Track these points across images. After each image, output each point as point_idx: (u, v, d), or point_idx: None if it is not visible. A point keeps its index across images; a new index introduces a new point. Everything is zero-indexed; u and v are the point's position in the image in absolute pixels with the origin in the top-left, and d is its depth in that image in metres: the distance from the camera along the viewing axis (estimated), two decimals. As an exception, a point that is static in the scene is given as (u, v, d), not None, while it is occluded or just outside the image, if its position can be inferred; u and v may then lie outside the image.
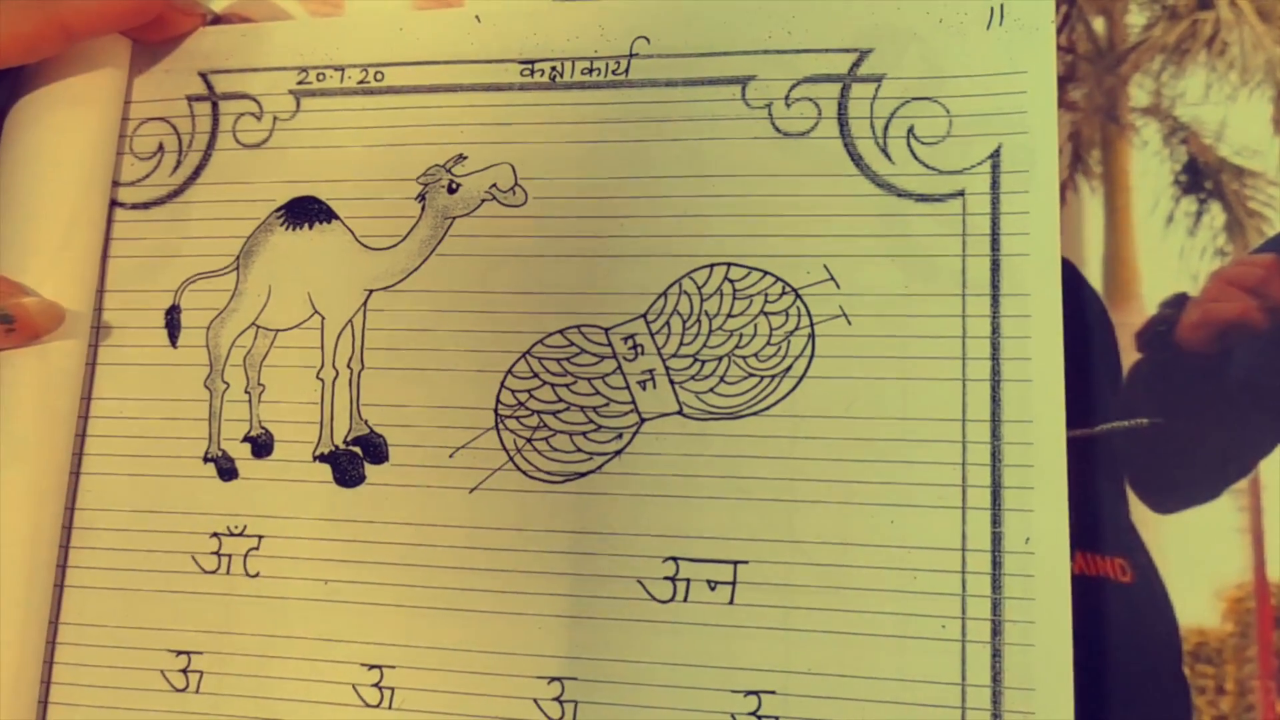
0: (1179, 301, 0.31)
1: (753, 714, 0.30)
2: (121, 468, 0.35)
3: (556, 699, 0.31)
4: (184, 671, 0.34)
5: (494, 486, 0.33)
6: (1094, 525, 0.29)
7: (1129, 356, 0.31)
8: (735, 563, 0.30)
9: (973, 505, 0.29)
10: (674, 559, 0.31)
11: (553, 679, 0.31)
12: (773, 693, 0.30)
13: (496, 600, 0.32)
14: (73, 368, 0.34)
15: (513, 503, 0.33)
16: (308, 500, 0.34)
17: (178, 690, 0.34)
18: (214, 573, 0.34)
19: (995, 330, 0.30)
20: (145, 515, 0.35)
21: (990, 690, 0.28)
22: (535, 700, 0.31)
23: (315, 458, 0.34)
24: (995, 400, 0.30)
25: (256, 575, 0.34)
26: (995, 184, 0.32)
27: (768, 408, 0.31)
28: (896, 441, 0.30)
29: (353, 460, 0.34)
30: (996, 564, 0.29)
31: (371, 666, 0.32)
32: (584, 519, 0.32)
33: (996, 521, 0.29)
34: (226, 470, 0.35)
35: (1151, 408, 0.30)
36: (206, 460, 0.35)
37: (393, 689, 0.32)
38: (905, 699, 0.29)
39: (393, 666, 0.32)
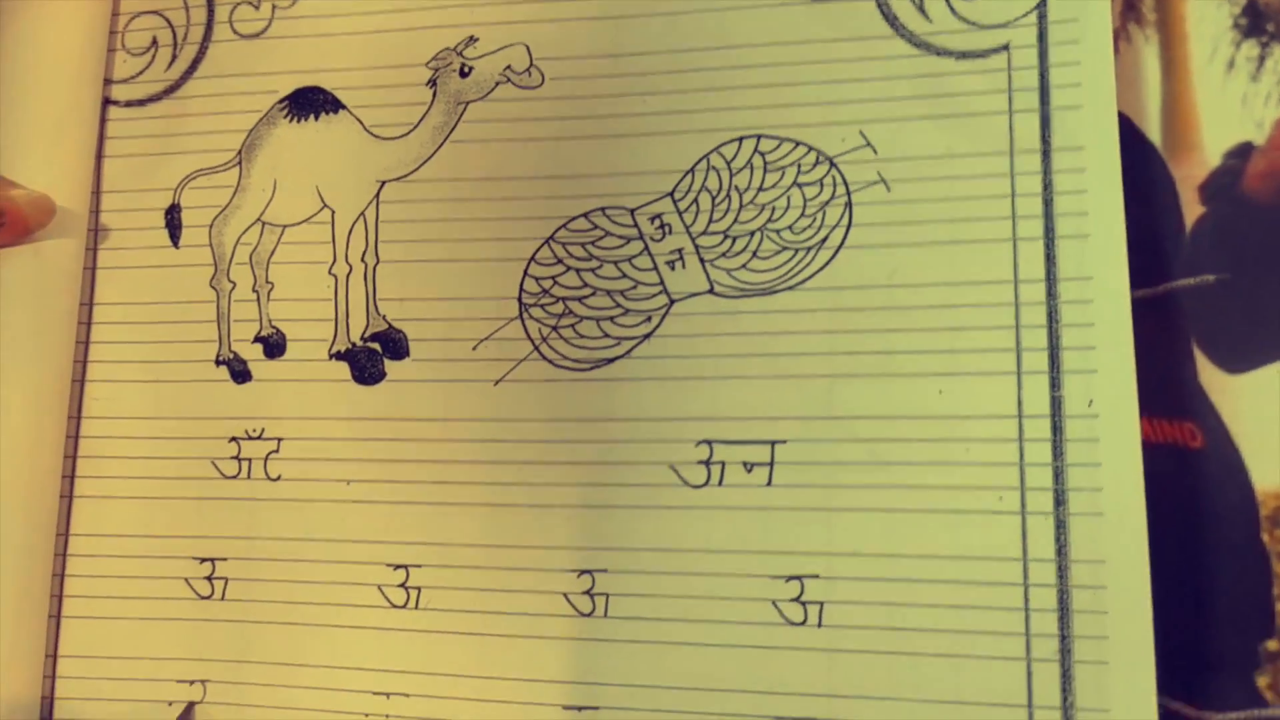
0: (1244, 151, 0.29)
1: (795, 599, 0.28)
2: (129, 374, 0.34)
3: (587, 592, 0.30)
4: (208, 579, 0.33)
5: (519, 378, 0.31)
6: (1160, 389, 0.28)
7: (1192, 211, 0.29)
8: (772, 443, 0.29)
9: (1029, 370, 0.28)
10: (707, 442, 0.30)
11: (582, 572, 0.30)
12: (816, 576, 0.28)
13: (523, 493, 0.31)
14: (70, 268, 0.33)
15: (539, 393, 0.31)
16: (326, 400, 0.33)
17: (203, 598, 0.33)
18: (235, 477, 0.33)
19: (1047, 186, 0.28)
20: (158, 422, 0.34)
21: (1055, 564, 0.27)
22: (565, 595, 0.30)
23: (332, 356, 0.33)
24: (1050, 259, 0.28)
25: (278, 478, 0.33)
26: (1042, 36, 0.30)
27: (803, 281, 0.30)
28: (943, 308, 0.29)
29: (371, 357, 0.33)
30: (1057, 430, 0.27)
31: (397, 566, 0.31)
32: (613, 405, 0.30)
33: (1055, 385, 0.27)
34: (239, 373, 0.34)
35: (1218, 263, 0.28)
36: (218, 363, 0.34)
37: (419, 588, 0.31)
38: (960, 577, 0.27)
39: (418, 565, 0.31)
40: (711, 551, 0.29)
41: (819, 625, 0.28)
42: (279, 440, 0.33)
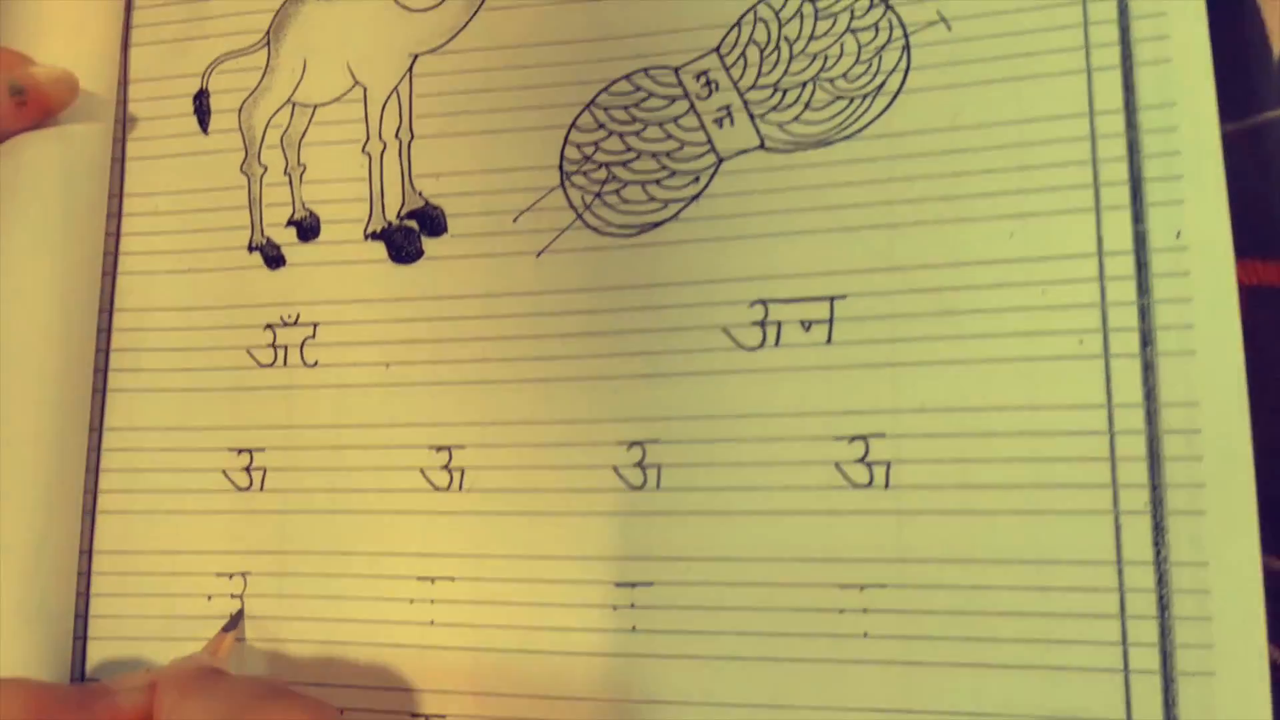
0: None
1: (859, 460, 0.27)
2: (161, 265, 0.33)
3: (638, 464, 0.28)
4: (246, 470, 0.32)
5: (562, 248, 0.30)
6: (1252, 229, 0.25)
7: (1282, 38, 0.26)
8: (831, 298, 0.27)
9: (1108, 205, 0.26)
10: (762, 302, 0.28)
11: (632, 444, 0.29)
12: (881, 435, 0.27)
13: (569, 367, 0.29)
14: (98, 155, 0.33)
15: (583, 262, 0.30)
16: (362, 282, 0.32)
17: (241, 489, 0.32)
18: (271, 365, 0.32)
19: (1123, 11, 0.26)
20: (191, 313, 0.33)
21: (1143, 409, 0.25)
22: (615, 468, 0.29)
23: (367, 236, 0.32)
24: (1128, 87, 0.26)
25: (315, 364, 0.32)
26: None
27: (860, 130, 0.28)
28: (1013, 147, 0.27)
29: (408, 235, 0.31)
30: (1142, 266, 0.25)
31: (439, 448, 0.30)
32: (660, 270, 0.29)
33: (1139, 218, 0.25)
34: (273, 258, 0.33)
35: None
36: (251, 250, 0.33)
37: (462, 470, 0.30)
38: (1038, 428, 0.25)
39: (461, 446, 0.30)
40: (768, 415, 0.28)
41: (885, 486, 0.27)
42: (315, 325, 0.32)
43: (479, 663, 0.30)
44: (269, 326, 0.33)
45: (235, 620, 0.32)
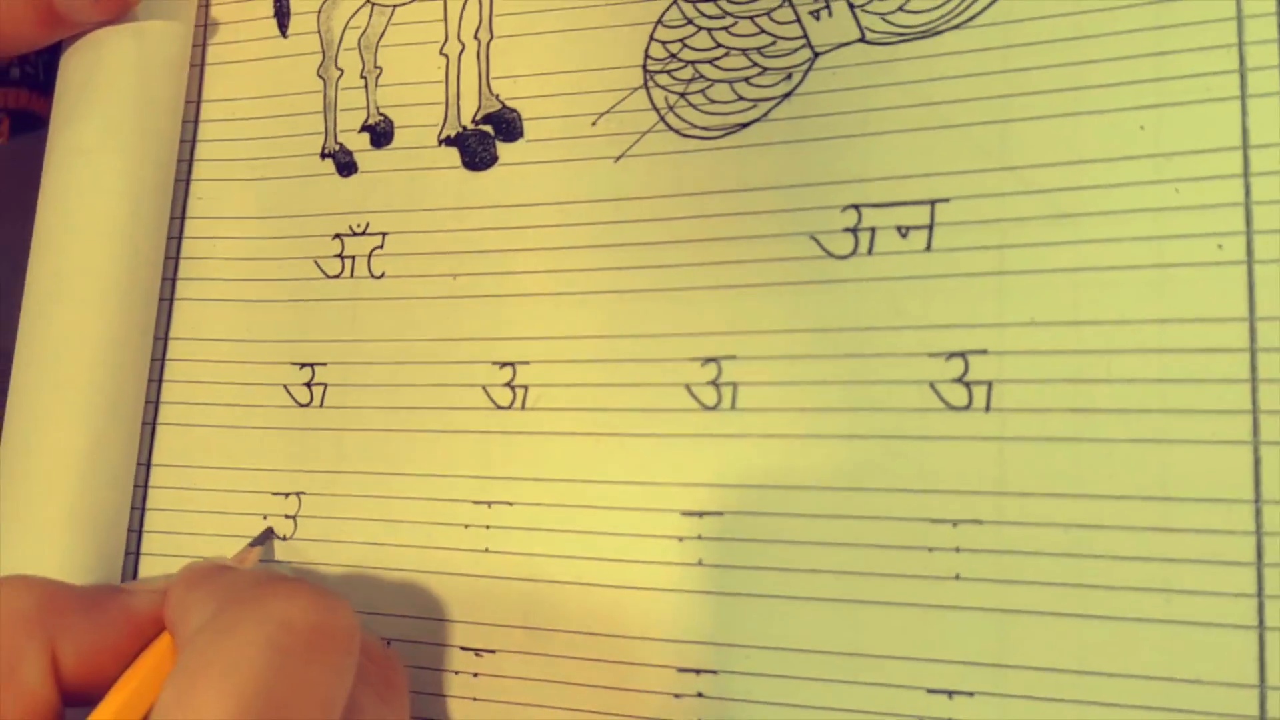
0: None
1: (958, 379, 0.24)
2: (234, 173, 0.33)
3: (712, 382, 0.26)
4: (308, 385, 0.31)
5: (642, 151, 0.28)
6: None
7: None
8: (932, 202, 0.25)
9: (1255, 93, 0.23)
10: (855, 206, 0.25)
11: (708, 360, 0.26)
12: (983, 352, 0.24)
13: (643, 277, 0.27)
14: (175, 55, 0.32)
15: (665, 166, 0.28)
16: (433, 189, 0.30)
17: (301, 405, 0.31)
18: (337, 277, 0.31)
19: (1283, -123, 0.23)
20: (261, 221, 0.32)
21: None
22: (687, 386, 0.26)
23: (441, 141, 0.30)
24: (1284, -41, 0.23)
25: (381, 276, 0.30)
26: None
27: (971, 18, 0.26)
28: (1145, 31, 0.24)
29: (483, 140, 0.30)
30: (1292, 158, 0.22)
31: (503, 365, 0.28)
32: (746, 174, 0.27)
33: (1291, 105, 0.22)
34: (345, 165, 0.31)
35: None
36: (324, 156, 0.32)
37: (525, 387, 0.28)
38: (1164, 344, 0.22)
39: (525, 362, 0.28)
40: (856, 330, 0.25)
41: (986, 409, 0.24)
42: (383, 235, 0.31)
43: (533, 595, 0.28)
44: (337, 236, 0.32)
45: (264, 537, 0.31)
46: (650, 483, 0.27)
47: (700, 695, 0.26)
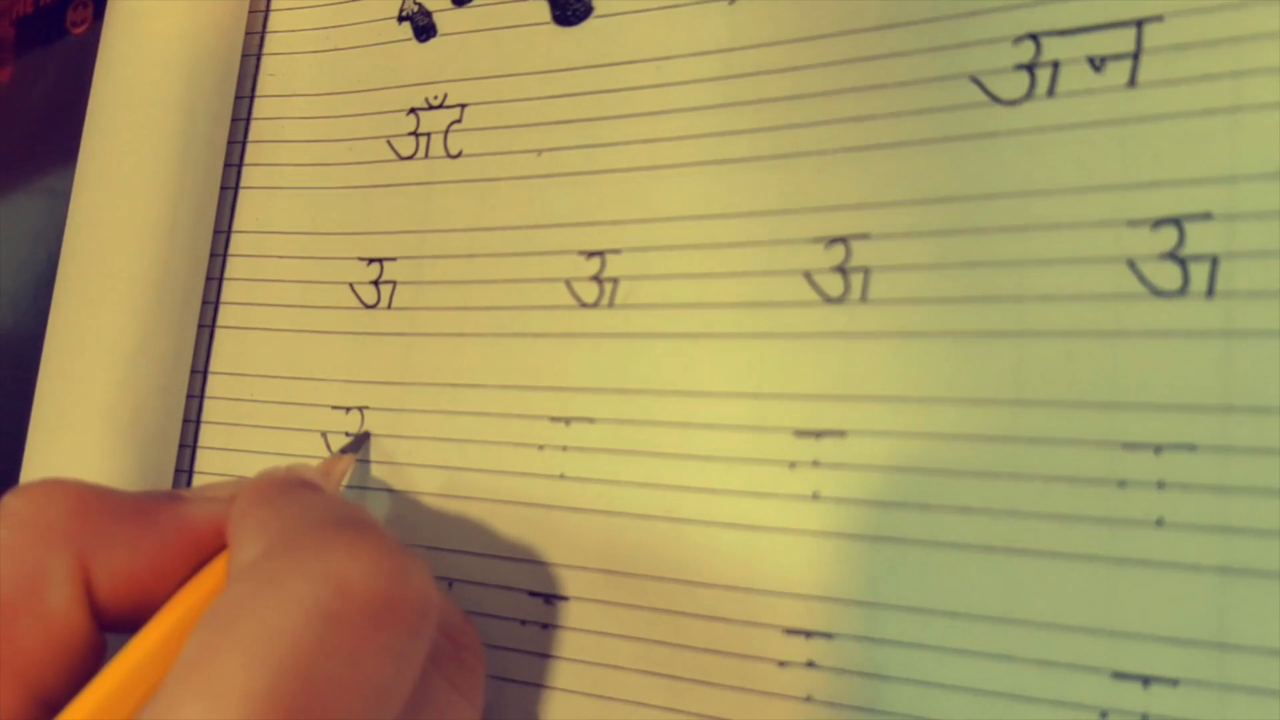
0: None
1: (1168, 255, 0.18)
2: (306, 44, 0.29)
3: (838, 268, 0.21)
4: (375, 284, 0.27)
5: (761, -10, 0.23)
6: None
7: None
8: (1139, 22, 0.19)
9: None
10: (1032, 36, 0.19)
11: (833, 240, 0.21)
12: (1207, 217, 0.17)
13: (759, 142, 0.22)
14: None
15: (791, 7, 0.23)
16: (519, 50, 0.26)
17: (367, 307, 0.27)
18: (411, 158, 0.27)
19: None
20: (331, 99, 0.28)
21: None
22: (806, 273, 0.21)
23: (529, -6, 0.26)
24: None
25: (459, 155, 0.26)
26: None
27: None
28: None
29: (575, -10, 0.25)
30: None
31: (590, 254, 0.24)
32: (891, 10, 0.21)
33: None
34: (423, 28, 0.27)
35: None
36: (401, 20, 0.28)
37: (615, 280, 0.23)
38: None
39: (617, 251, 0.23)
40: (1028, 194, 0.19)
41: (1209, 294, 0.18)
42: (462, 108, 0.27)
43: (615, 531, 0.23)
44: (412, 111, 0.28)
45: (359, 442, 0.27)
46: (757, 394, 0.22)
47: (811, 664, 0.21)
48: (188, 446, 0.29)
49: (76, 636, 0.18)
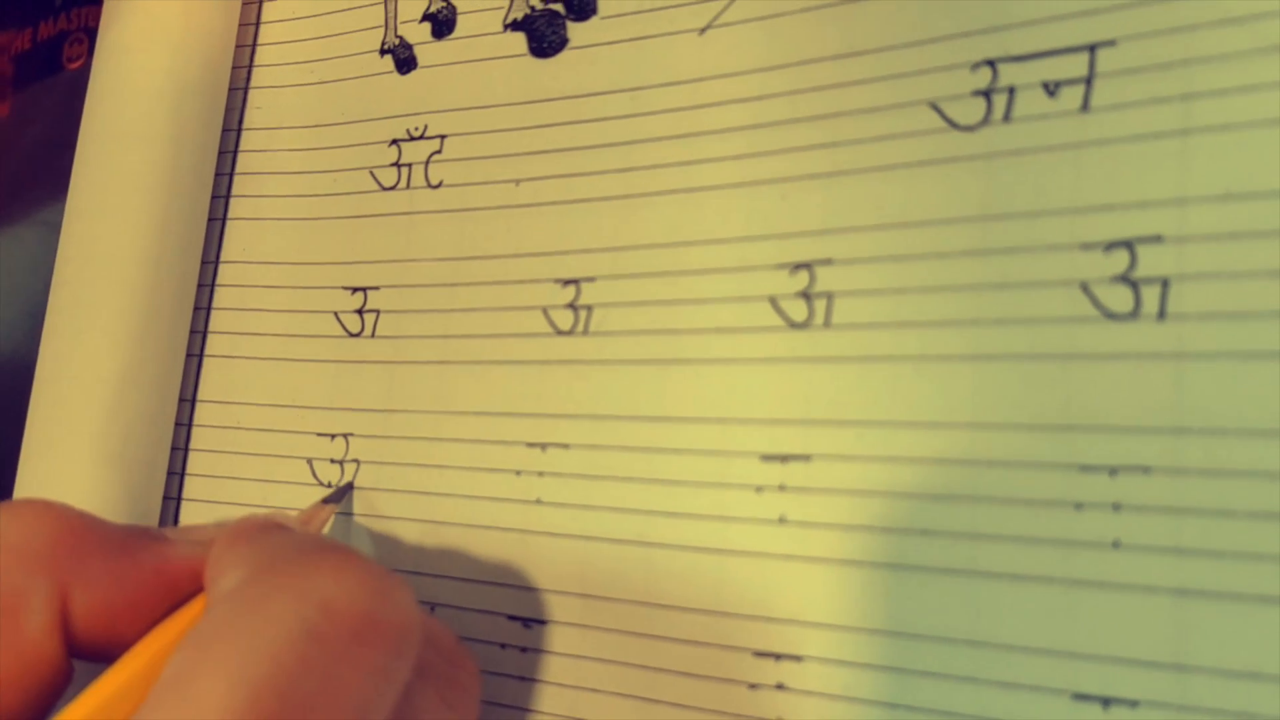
0: None
1: (1120, 277, 0.18)
2: (291, 78, 0.30)
3: (802, 293, 0.21)
4: (359, 312, 0.27)
5: (731, 20, 0.24)
6: None
7: None
8: (1092, 47, 0.19)
9: None
10: (989, 62, 0.20)
11: (798, 266, 0.21)
12: (1157, 239, 0.18)
13: (726, 171, 0.23)
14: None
15: (756, 36, 0.23)
16: (497, 82, 0.26)
17: (351, 335, 0.27)
18: (393, 188, 0.27)
19: None
20: (318, 130, 0.29)
21: None
22: (772, 300, 0.21)
23: (506, 26, 0.27)
24: None
25: (439, 185, 0.27)
26: None
27: None
28: None
29: (552, 21, 0.26)
30: None
31: (566, 282, 0.24)
32: (852, 37, 0.22)
33: None
34: (404, 60, 0.28)
35: None
36: (383, 53, 0.28)
37: (590, 308, 0.24)
38: None
39: (591, 279, 0.24)
40: (986, 219, 0.20)
41: (1160, 316, 0.18)
42: (442, 139, 0.27)
43: (589, 555, 0.23)
44: (394, 142, 0.28)
45: (342, 493, 0.27)
46: (724, 419, 0.22)
47: (781, 687, 0.21)
48: (176, 474, 0.30)
49: (47, 663, 0.18)
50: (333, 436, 0.28)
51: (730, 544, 0.22)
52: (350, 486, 0.27)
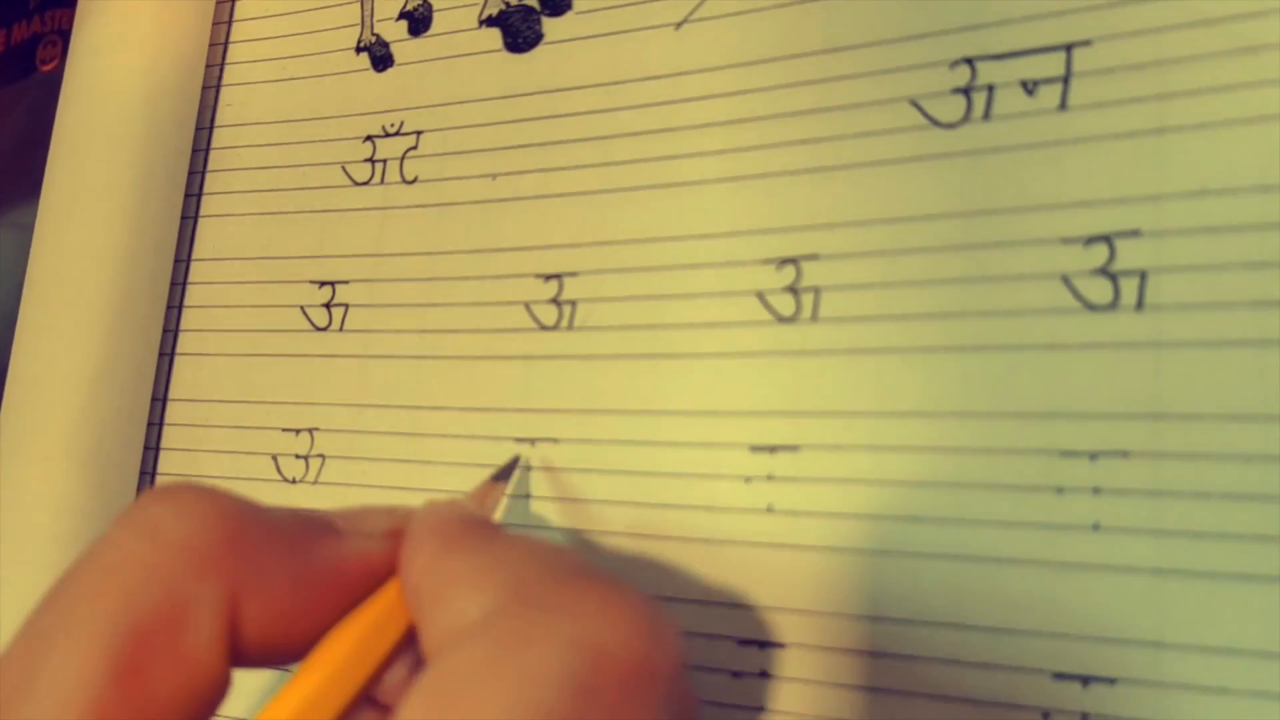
0: None
1: (1100, 270, 0.19)
2: (265, 74, 0.30)
3: (789, 288, 0.22)
4: (326, 306, 0.27)
5: (708, 14, 0.24)
6: None
7: None
8: (1068, 46, 0.20)
9: None
10: (967, 60, 0.21)
11: (784, 261, 0.22)
12: (1135, 233, 0.19)
13: (706, 166, 0.23)
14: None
15: (734, 30, 0.24)
16: (472, 77, 0.27)
17: (318, 329, 0.27)
18: (367, 183, 0.28)
19: None
20: (290, 126, 0.29)
21: None
22: (759, 294, 0.22)
23: (481, 22, 0.27)
24: None
25: (414, 181, 0.27)
26: None
27: None
28: None
29: (527, 17, 0.26)
30: None
31: (548, 277, 0.25)
32: (832, 33, 0.22)
33: None
34: (381, 58, 0.28)
35: None
36: (359, 50, 0.28)
37: (574, 303, 0.24)
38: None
39: (574, 274, 0.24)
40: (968, 215, 0.20)
41: (1138, 307, 0.19)
42: (418, 134, 0.28)
43: (580, 549, 0.24)
44: (369, 139, 0.28)
45: (509, 470, 0.25)
46: (713, 412, 0.23)
47: (764, 674, 0.21)
48: (147, 474, 0.30)
49: (210, 679, 0.16)
50: (298, 431, 0.28)
51: (719, 534, 0.22)
52: (517, 461, 0.25)
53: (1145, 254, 0.19)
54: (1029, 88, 0.21)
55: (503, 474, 0.24)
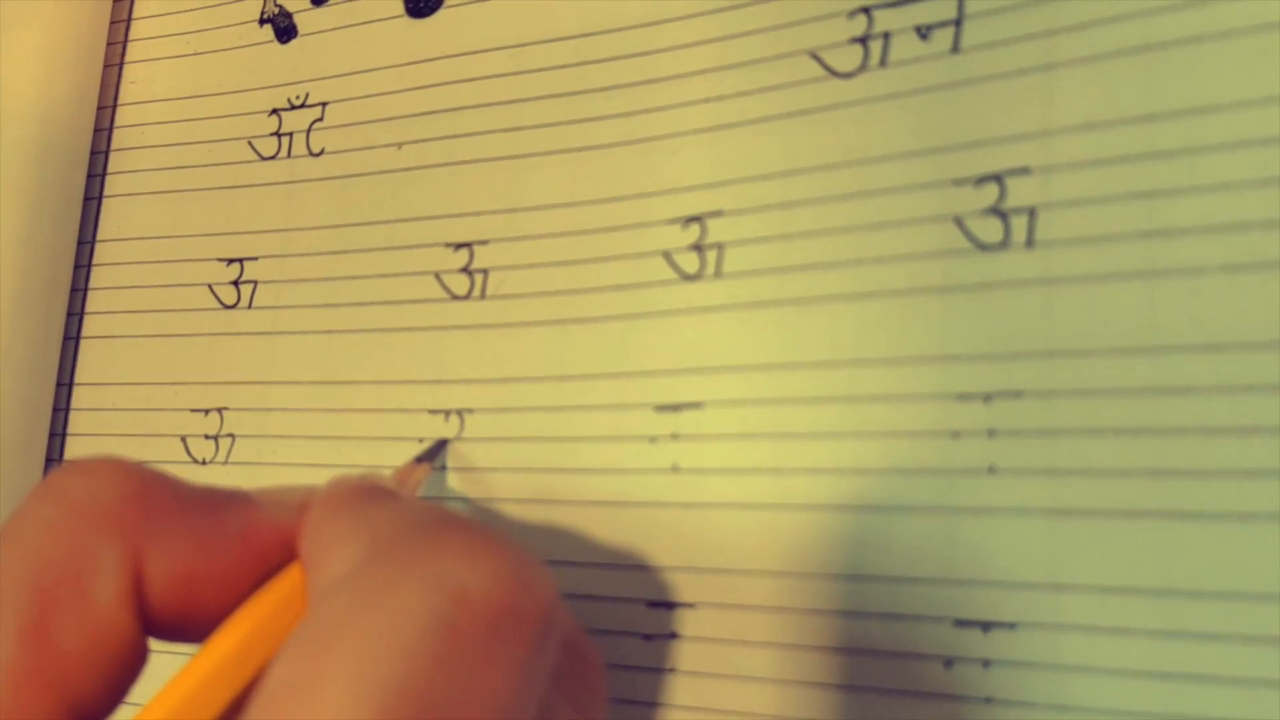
0: None
1: (991, 209, 0.20)
2: (168, 50, 0.30)
3: (694, 246, 0.22)
4: (234, 283, 0.28)
5: (611, -24, 0.24)
6: None
7: None
8: (962, -13, 0.20)
9: None
10: (864, 10, 0.21)
11: (689, 219, 0.22)
12: (1024, 171, 0.19)
13: (614, 128, 0.24)
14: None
15: (636, -9, 0.24)
16: (376, 45, 0.27)
17: (226, 307, 0.28)
18: (273, 158, 0.28)
19: None
20: (193, 102, 0.30)
21: None
22: (666, 254, 0.23)
23: (386, -11, 0.27)
24: None
25: (320, 153, 0.27)
26: None
27: None
28: None
29: (429, -18, 0.27)
30: None
31: (458, 246, 0.25)
32: (733, -13, 0.23)
33: None
34: (284, 29, 0.29)
35: None
36: (262, 22, 0.29)
37: (485, 271, 0.25)
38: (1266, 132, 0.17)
39: (484, 242, 0.25)
40: (865, 162, 0.21)
41: (1028, 244, 0.19)
42: (323, 106, 0.28)
43: (492, 517, 0.24)
44: (274, 112, 0.29)
45: (434, 451, 0.25)
46: (621, 374, 0.23)
47: (674, 635, 0.22)
48: (54, 460, 0.30)
49: (119, 639, 0.16)
50: (206, 412, 0.28)
51: (626, 496, 0.23)
52: (444, 442, 0.26)
53: (1034, 191, 0.20)
54: (923, 33, 0.21)
55: (427, 455, 0.25)
